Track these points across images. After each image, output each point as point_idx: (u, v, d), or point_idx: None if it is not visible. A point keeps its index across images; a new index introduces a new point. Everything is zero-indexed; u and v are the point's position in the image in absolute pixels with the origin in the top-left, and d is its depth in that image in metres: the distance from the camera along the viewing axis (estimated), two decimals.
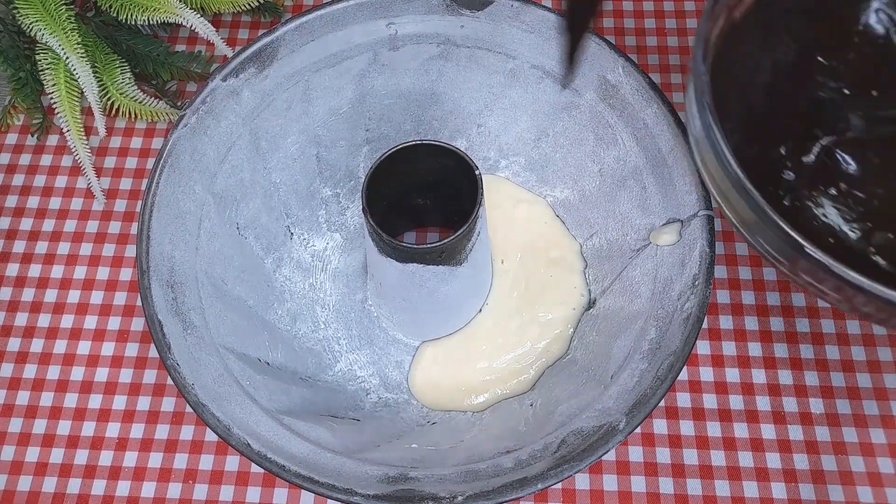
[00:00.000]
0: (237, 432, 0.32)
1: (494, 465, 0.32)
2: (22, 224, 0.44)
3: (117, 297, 0.42)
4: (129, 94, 0.45)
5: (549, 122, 0.41)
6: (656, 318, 0.35)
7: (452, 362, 0.39)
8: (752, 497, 0.36)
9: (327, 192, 0.42)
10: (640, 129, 0.38)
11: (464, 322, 0.39)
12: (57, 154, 0.46)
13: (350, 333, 0.40)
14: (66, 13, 0.41)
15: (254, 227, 0.39)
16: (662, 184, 0.37)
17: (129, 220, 0.44)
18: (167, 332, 0.33)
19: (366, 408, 0.37)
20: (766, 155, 0.34)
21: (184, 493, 0.37)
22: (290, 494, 0.37)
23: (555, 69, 0.40)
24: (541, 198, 0.42)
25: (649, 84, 0.37)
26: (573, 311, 0.39)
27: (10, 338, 0.41)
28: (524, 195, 0.42)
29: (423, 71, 0.41)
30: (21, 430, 0.39)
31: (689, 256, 0.35)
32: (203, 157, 0.38)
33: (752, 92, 0.35)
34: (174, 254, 0.36)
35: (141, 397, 0.39)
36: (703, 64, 0.31)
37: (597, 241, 0.40)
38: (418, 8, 0.40)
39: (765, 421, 0.38)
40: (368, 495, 0.31)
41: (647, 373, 0.33)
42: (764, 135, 0.34)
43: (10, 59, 0.45)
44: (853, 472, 0.37)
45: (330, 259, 0.41)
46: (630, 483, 0.37)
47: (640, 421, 0.31)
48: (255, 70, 0.39)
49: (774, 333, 0.40)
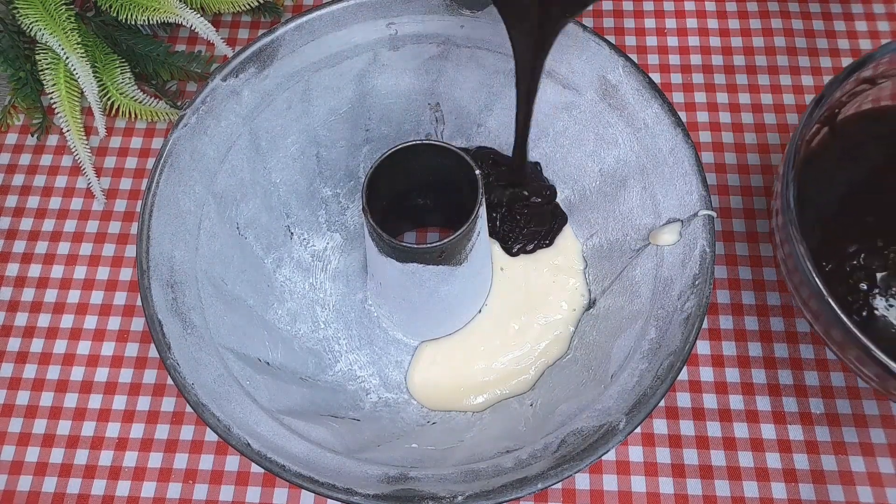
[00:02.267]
0: (237, 432, 0.32)
1: (494, 464, 0.32)
2: (22, 224, 0.44)
3: (117, 297, 0.42)
4: (129, 94, 0.45)
5: (549, 121, 0.41)
6: (656, 318, 0.35)
7: (451, 363, 0.39)
8: (752, 497, 0.36)
9: (327, 192, 0.42)
10: (640, 129, 0.38)
11: (463, 322, 0.39)
12: (57, 154, 0.46)
13: (350, 333, 0.40)
14: (66, 13, 0.41)
15: (254, 227, 0.39)
16: (662, 184, 0.37)
17: (129, 220, 0.44)
18: (167, 332, 0.33)
19: (366, 408, 0.37)
20: (841, 269, 0.37)
21: (184, 493, 0.37)
22: (290, 494, 0.37)
23: (555, 69, 0.40)
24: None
25: (649, 84, 0.37)
26: (573, 312, 0.39)
27: (10, 338, 0.41)
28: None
29: (423, 71, 0.41)
30: (21, 430, 0.39)
31: (689, 256, 0.35)
32: (203, 157, 0.38)
33: (825, 213, 0.38)
34: (174, 254, 0.36)
35: (141, 397, 0.40)
36: (790, 194, 0.33)
37: (597, 241, 0.40)
38: (418, 8, 0.40)
39: (765, 421, 0.38)
40: (368, 495, 0.31)
41: (647, 373, 0.33)
42: (838, 250, 0.37)
43: (10, 59, 0.45)
44: (853, 472, 0.37)
45: (330, 259, 0.41)
46: (630, 483, 0.37)
47: (640, 421, 0.31)
48: (255, 70, 0.39)
49: (774, 333, 0.40)
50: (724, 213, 0.43)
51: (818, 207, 0.37)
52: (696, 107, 0.46)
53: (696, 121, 0.45)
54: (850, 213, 0.38)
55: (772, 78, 0.46)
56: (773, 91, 0.46)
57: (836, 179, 0.38)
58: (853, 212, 0.38)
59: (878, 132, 0.39)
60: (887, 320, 0.36)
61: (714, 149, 0.45)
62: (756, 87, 0.46)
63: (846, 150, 0.38)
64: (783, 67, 0.47)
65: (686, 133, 0.37)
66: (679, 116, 0.37)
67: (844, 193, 0.38)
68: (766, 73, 0.47)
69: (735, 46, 0.48)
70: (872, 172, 0.39)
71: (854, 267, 0.36)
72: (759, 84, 0.46)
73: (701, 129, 0.45)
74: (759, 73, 0.47)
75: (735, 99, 0.46)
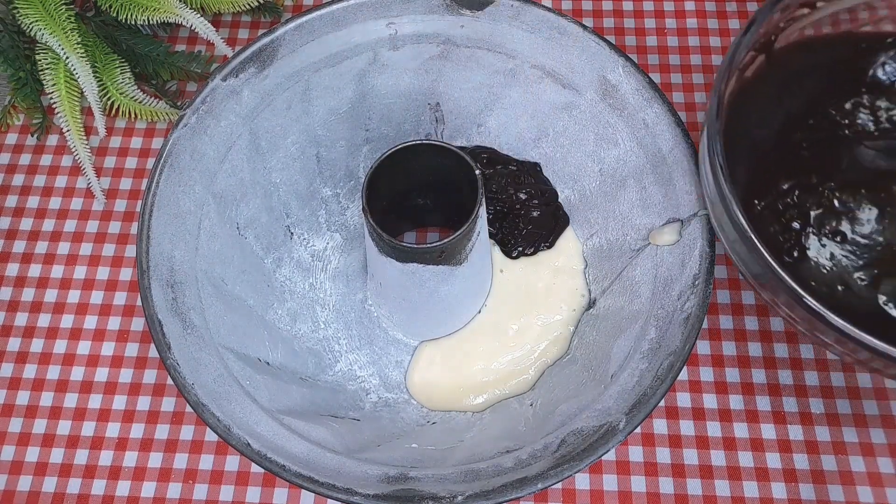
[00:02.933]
0: (237, 432, 0.32)
1: (494, 464, 0.32)
2: (22, 224, 0.44)
3: (117, 297, 0.42)
4: (129, 94, 0.45)
5: (549, 121, 0.41)
6: (656, 318, 0.35)
7: (450, 363, 0.39)
8: (752, 497, 0.36)
9: (327, 192, 0.42)
10: (640, 129, 0.38)
11: (463, 323, 0.39)
12: (57, 154, 0.46)
13: (350, 333, 0.40)
14: (66, 13, 0.41)
15: (254, 227, 0.39)
16: (662, 184, 0.37)
17: (129, 220, 0.44)
18: (167, 332, 0.33)
19: (366, 408, 0.37)
20: (774, 207, 0.35)
21: (184, 493, 0.37)
22: (290, 494, 0.37)
23: (555, 69, 0.40)
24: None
25: (649, 84, 0.38)
26: (573, 312, 0.39)
27: (10, 338, 0.41)
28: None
29: (423, 71, 0.41)
30: (21, 430, 0.39)
31: (689, 256, 0.35)
32: (203, 157, 0.38)
33: (760, 146, 0.36)
34: (174, 254, 0.36)
35: (141, 397, 0.39)
36: (716, 122, 0.32)
37: (597, 241, 0.40)
38: (418, 8, 0.40)
39: (765, 421, 0.38)
40: (368, 495, 0.31)
41: (647, 373, 0.33)
42: (771, 187, 0.35)
43: (10, 59, 0.45)
44: (853, 472, 0.37)
45: (330, 259, 0.41)
46: (630, 483, 0.37)
47: (640, 421, 0.31)
48: (255, 70, 0.39)
49: (774, 333, 0.40)
50: None
51: (753, 142, 0.35)
52: (696, 107, 0.46)
53: (696, 121, 0.45)
54: (785, 147, 0.36)
55: None
56: None
57: (772, 112, 0.36)
58: (788, 147, 0.36)
59: (815, 62, 0.37)
60: (819, 261, 0.34)
61: None
62: None
63: (783, 80, 0.36)
64: None
65: (686, 133, 0.37)
66: (679, 116, 0.37)
67: (779, 127, 0.36)
68: None
69: None
70: (809, 105, 0.37)
71: (787, 205, 0.35)
72: None
73: (701, 129, 0.45)
74: None
75: None
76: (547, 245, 0.40)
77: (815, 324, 0.30)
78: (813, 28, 0.36)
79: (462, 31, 0.40)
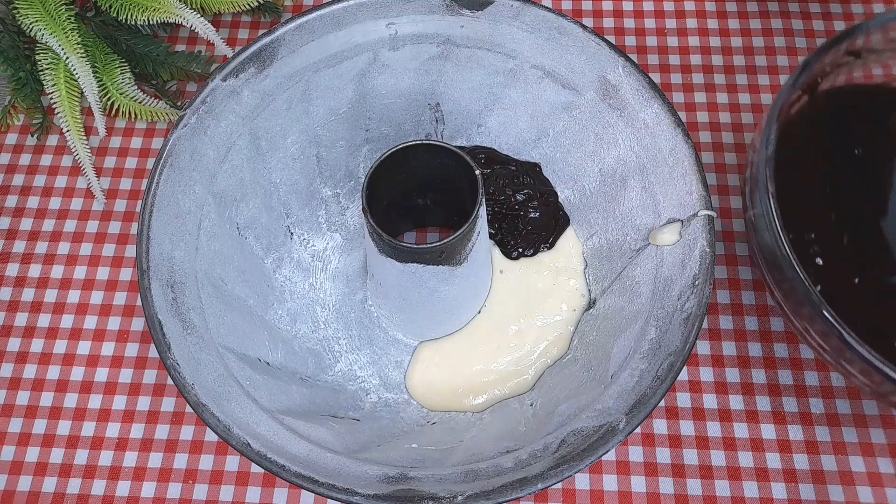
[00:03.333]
0: (237, 432, 0.32)
1: (494, 465, 0.32)
2: (22, 224, 0.44)
3: (117, 297, 0.42)
4: (129, 94, 0.45)
5: (549, 122, 0.41)
6: (656, 318, 0.35)
7: (449, 363, 0.39)
8: (752, 497, 0.36)
9: (327, 192, 0.42)
10: (640, 129, 0.38)
11: (463, 323, 0.39)
12: (57, 154, 0.46)
13: (350, 333, 0.40)
14: (66, 13, 0.41)
15: (254, 227, 0.39)
16: (662, 184, 0.37)
17: (129, 220, 0.44)
18: (167, 332, 0.33)
19: (366, 408, 0.37)
20: (799, 240, 0.35)
21: (184, 493, 0.37)
22: (290, 494, 0.37)
23: (555, 69, 0.40)
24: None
25: (649, 84, 0.37)
26: (573, 312, 0.39)
27: (10, 338, 0.41)
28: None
29: (423, 71, 0.41)
30: (21, 430, 0.39)
31: (689, 256, 0.35)
32: (203, 157, 0.38)
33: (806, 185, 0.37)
34: (174, 254, 0.36)
35: (141, 397, 0.40)
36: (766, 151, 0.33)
37: (597, 241, 0.40)
38: (418, 8, 0.40)
39: (765, 421, 0.38)
40: (368, 495, 0.31)
41: (647, 373, 0.33)
42: (799, 222, 0.36)
43: (10, 59, 0.45)
44: (853, 472, 0.37)
45: (330, 259, 0.41)
46: (630, 483, 0.37)
47: (640, 421, 0.31)
48: (255, 70, 0.39)
49: (774, 333, 0.40)
50: (724, 213, 0.43)
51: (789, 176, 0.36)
52: (696, 107, 0.46)
53: (696, 121, 0.45)
54: (816, 189, 0.37)
55: (772, 78, 0.46)
56: (773, 91, 0.46)
57: (807, 149, 0.37)
58: (818, 188, 0.37)
59: (855, 105, 0.38)
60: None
61: (714, 149, 0.45)
62: (756, 87, 0.46)
63: (822, 120, 0.37)
64: (783, 67, 0.47)
65: (686, 133, 0.37)
66: (679, 116, 0.37)
67: (813, 167, 0.37)
68: (766, 74, 0.47)
69: (735, 46, 0.48)
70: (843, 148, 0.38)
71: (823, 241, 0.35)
72: (759, 84, 0.46)
73: (701, 129, 0.45)
74: (759, 73, 0.47)
75: (735, 99, 0.46)
76: (547, 246, 0.40)
77: (844, 353, 0.31)
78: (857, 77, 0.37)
79: (462, 31, 0.40)
